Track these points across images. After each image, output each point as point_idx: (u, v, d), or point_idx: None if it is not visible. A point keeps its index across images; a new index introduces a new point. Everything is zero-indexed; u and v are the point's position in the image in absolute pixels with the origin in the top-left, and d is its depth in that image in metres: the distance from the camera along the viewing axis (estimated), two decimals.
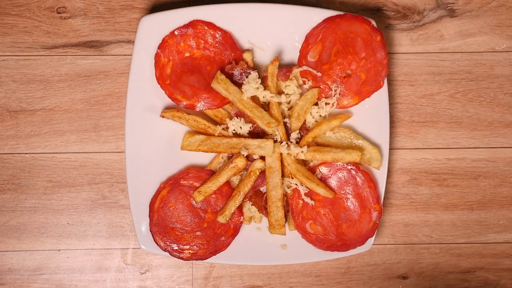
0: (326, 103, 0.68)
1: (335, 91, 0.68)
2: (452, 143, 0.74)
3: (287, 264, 0.71)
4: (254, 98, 0.68)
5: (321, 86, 0.69)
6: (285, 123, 0.68)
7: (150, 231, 0.67)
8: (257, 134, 0.68)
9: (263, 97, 0.67)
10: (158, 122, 0.68)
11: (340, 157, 0.66)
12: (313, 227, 0.68)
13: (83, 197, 0.72)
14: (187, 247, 0.67)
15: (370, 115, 0.69)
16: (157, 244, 0.67)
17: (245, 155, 0.66)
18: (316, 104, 0.69)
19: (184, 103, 0.67)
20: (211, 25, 0.67)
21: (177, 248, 0.67)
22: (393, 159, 0.74)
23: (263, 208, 0.68)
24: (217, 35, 0.68)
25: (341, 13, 0.68)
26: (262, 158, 0.67)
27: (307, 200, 0.67)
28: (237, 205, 0.67)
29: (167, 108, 0.68)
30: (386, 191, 0.73)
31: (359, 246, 0.68)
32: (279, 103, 0.68)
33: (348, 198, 0.68)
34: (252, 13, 0.68)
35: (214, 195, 0.68)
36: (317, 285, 0.73)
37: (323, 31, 0.68)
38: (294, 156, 0.67)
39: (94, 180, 0.72)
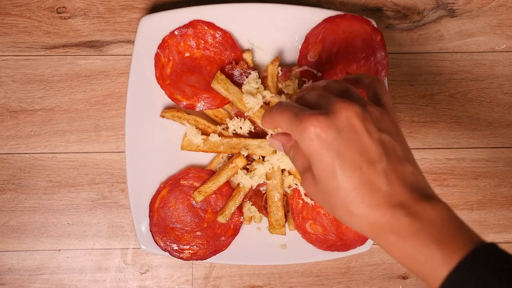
0: None
1: None
2: (452, 143, 0.74)
3: (287, 264, 0.71)
4: None
5: None
6: None
7: (150, 231, 0.67)
8: (257, 134, 0.68)
9: (263, 97, 0.67)
10: (158, 122, 0.68)
11: None
12: (313, 227, 0.68)
13: (83, 197, 0.72)
14: (187, 247, 0.67)
15: None
16: (157, 244, 0.67)
17: (245, 155, 0.66)
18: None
19: (184, 103, 0.68)
20: (211, 25, 0.67)
21: (177, 248, 0.67)
22: None
23: (263, 208, 0.68)
24: (217, 35, 0.68)
25: (341, 13, 0.68)
26: (262, 158, 0.68)
27: (307, 200, 0.67)
28: (237, 205, 0.67)
29: (167, 108, 0.68)
30: None
31: (359, 246, 0.68)
32: None
33: None
34: (252, 13, 0.68)
35: (214, 195, 0.68)
36: (317, 285, 0.73)
37: (323, 31, 0.68)
38: None
39: (94, 180, 0.72)
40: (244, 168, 0.67)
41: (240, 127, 0.68)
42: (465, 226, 0.42)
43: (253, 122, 0.68)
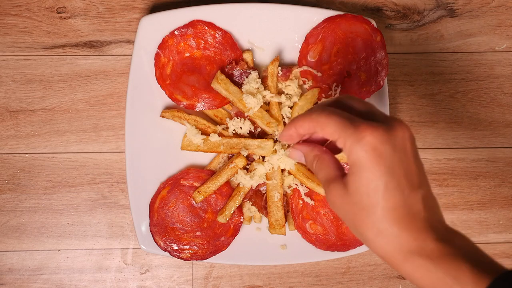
0: None
1: (335, 91, 0.68)
2: (452, 143, 0.74)
3: (287, 264, 0.71)
4: None
5: (321, 86, 0.69)
6: (285, 123, 0.68)
7: (150, 231, 0.67)
8: (257, 134, 0.68)
9: (263, 97, 0.67)
10: (158, 122, 0.68)
11: (340, 156, 0.66)
12: (313, 227, 0.68)
13: (83, 197, 0.72)
14: (187, 247, 0.67)
15: None
16: (157, 244, 0.67)
17: (245, 155, 0.66)
18: (316, 104, 0.69)
19: (184, 103, 0.68)
20: (211, 25, 0.67)
21: (177, 248, 0.67)
22: None
23: (263, 208, 0.68)
24: (217, 35, 0.68)
25: (341, 13, 0.68)
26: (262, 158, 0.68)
27: (307, 200, 0.67)
28: (237, 205, 0.67)
29: (167, 108, 0.68)
30: None
31: (359, 246, 0.68)
32: (280, 103, 0.68)
33: None
34: (252, 13, 0.68)
35: (214, 195, 0.68)
36: (317, 285, 0.73)
37: (323, 31, 0.68)
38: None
39: (94, 180, 0.72)
40: (244, 168, 0.67)
41: (240, 127, 0.68)
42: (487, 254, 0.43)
43: (253, 122, 0.68)
